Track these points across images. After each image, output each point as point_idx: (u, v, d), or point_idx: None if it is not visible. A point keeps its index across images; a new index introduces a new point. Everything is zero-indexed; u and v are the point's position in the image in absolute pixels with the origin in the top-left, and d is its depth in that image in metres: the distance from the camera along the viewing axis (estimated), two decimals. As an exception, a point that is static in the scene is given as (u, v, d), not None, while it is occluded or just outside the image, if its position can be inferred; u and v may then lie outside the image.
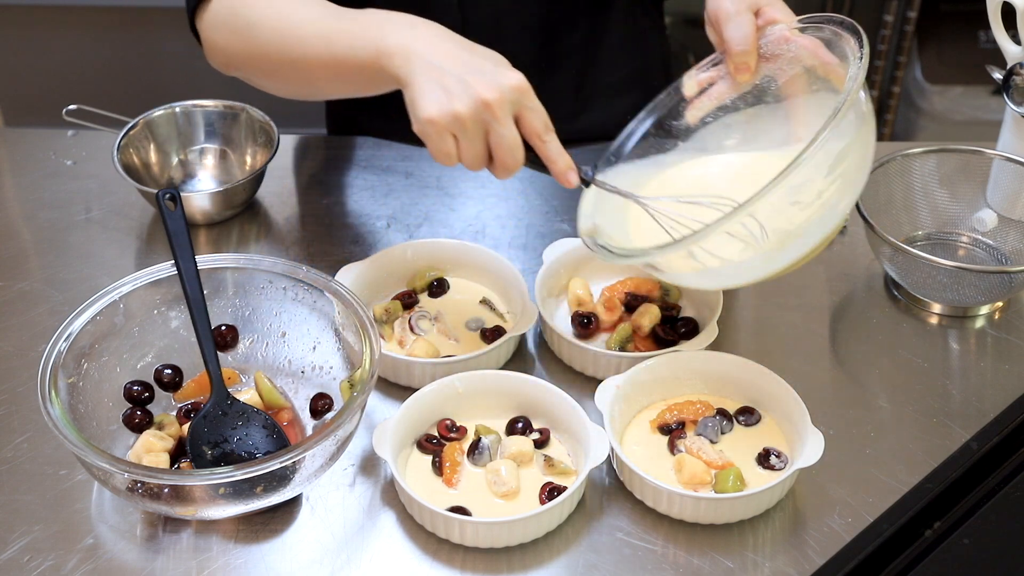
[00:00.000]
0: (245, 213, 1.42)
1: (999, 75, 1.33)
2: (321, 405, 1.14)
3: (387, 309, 1.25)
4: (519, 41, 1.46)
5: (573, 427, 1.11)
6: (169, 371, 1.15)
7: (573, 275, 1.29)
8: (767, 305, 1.30)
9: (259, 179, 1.41)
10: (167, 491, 1.01)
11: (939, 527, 1.07)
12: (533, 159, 1.08)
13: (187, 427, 1.09)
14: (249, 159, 1.46)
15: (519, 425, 1.13)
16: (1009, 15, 1.29)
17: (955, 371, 1.24)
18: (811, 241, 1.05)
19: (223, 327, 1.18)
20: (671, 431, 1.13)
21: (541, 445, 1.12)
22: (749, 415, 1.14)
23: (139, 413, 1.12)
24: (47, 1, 2.57)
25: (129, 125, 1.41)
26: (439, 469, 1.10)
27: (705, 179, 1.17)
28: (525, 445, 1.10)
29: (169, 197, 1.13)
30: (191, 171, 1.46)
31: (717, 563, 1.04)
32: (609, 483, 1.10)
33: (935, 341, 1.26)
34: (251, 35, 1.20)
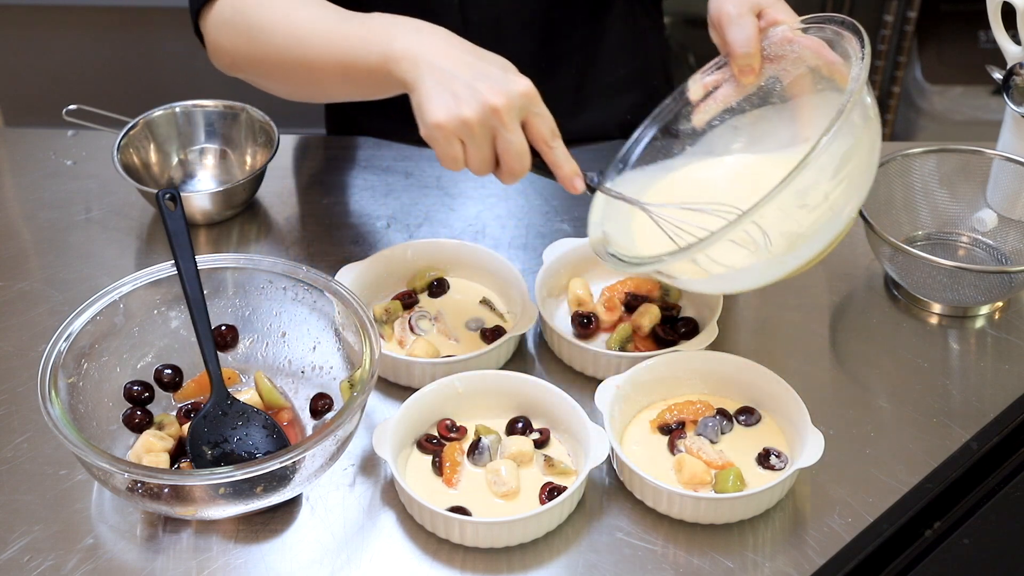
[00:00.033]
0: (245, 213, 1.42)
1: (999, 75, 1.33)
2: (321, 405, 1.14)
3: (387, 309, 1.25)
4: (519, 41, 1.46)
5: (573, 427, 1.11)
6: (169, 371, 1.15)
7: (573, 275, 1.29)
8: (767, 305, 1.30)
9: (259, 179, 1.41)
10: (167, 491, 1.01)
11: (939, 527, 1.07)
12: (539, 165, 1.08)
13: (187, 427, 1.09)
14: (249, 159, 1.46)
15: (519, 425, 1.13)
16: (1009, 15, 1.29)
17: (955, 371, 1.23)
18: (821, 242, 1.05)
19: (223, 327, 1.18)
20: (671, 431, 1.13)
21: (541, 445, 1.12)
22: (749, 415, 1.14)
23: (139, 413, 1.12)
24: (47, 1, 2.57)
25: (129, 125, 1.41)
26: (439, 469, 1.10)
27: (709, 182, 1.17)
28: (525, 445, 1.10)
29: (169, 197, 1.13)
30: (191, 171, 1.46)
31: (717, 563, 1.04)
32: (609, 483, 1.10)
33: (935, 341, 1.26)
34: (257, 37, 1.20)
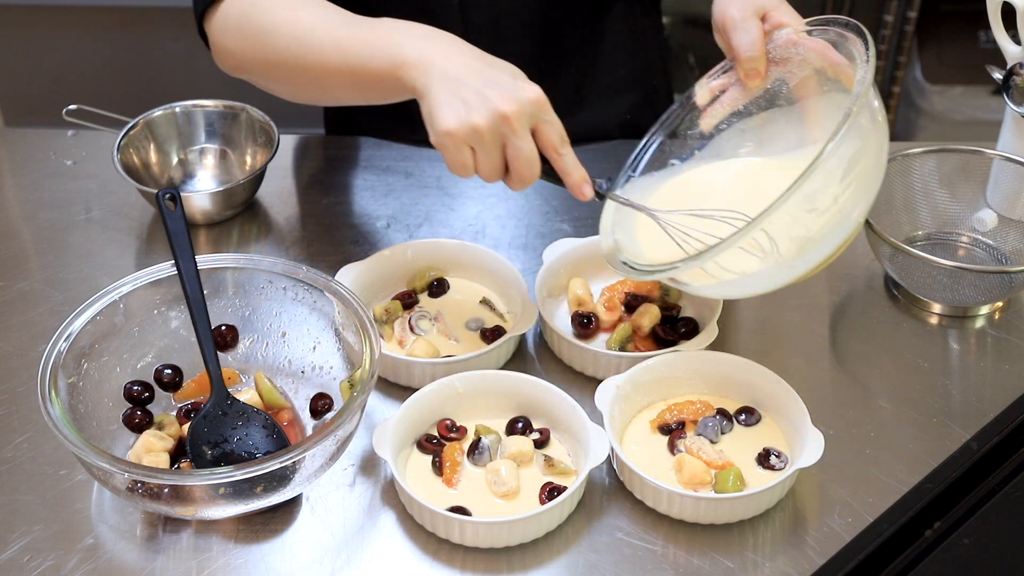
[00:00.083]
0: (245, 213, 1.42)
1: (999, 75, 1.33)
2: (321, 405, 1.14)
3: (387, 309, 1.25)
4: (519, 41, 1.46)
5: (573, 427, 1.11)
6: (169, 371, 1.15)
7: (573, 275, 1.29)
8: (767, 305, 1.30)
9: (259, 179, 1.41)
10: (167, 491, 1.00)
11: (939, 527, 1.07)
12: (548, 171, 1.08)
13: (187, 427, 1.09)
14: (249, 159, 1.46)
15: (519, 425, 1.13)
16: (1009, 15, 1.29)
17: (955, 371, 1.23)
18: (831, 245, 1.05)
19: (223, 327, 1.18)
20: (671, 431, 1.13)
21: (541, 445, 1.12)
22: (749, 415, 1.14)
23: (139, 413, 1.12)
24: (47, 1, 2.57)
25: (129, 125, 1.41)
26: (439, 469, 1.10)
27: (718, 186, 1.18)
28: (525, 445, 1.10)
29: (169, 197, 1.13)
30: (191, 171, 1.46)
31: (717, 563, 1.04)
32: (609, 483, 1.10)
33: (935, 341, 1.26)
34: (264, 40, 1.19)
